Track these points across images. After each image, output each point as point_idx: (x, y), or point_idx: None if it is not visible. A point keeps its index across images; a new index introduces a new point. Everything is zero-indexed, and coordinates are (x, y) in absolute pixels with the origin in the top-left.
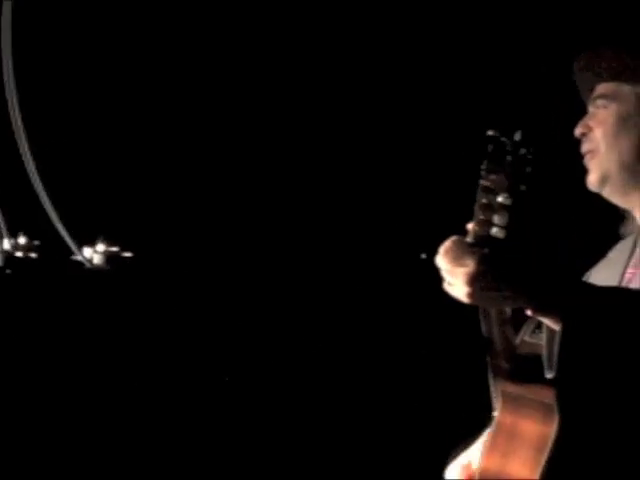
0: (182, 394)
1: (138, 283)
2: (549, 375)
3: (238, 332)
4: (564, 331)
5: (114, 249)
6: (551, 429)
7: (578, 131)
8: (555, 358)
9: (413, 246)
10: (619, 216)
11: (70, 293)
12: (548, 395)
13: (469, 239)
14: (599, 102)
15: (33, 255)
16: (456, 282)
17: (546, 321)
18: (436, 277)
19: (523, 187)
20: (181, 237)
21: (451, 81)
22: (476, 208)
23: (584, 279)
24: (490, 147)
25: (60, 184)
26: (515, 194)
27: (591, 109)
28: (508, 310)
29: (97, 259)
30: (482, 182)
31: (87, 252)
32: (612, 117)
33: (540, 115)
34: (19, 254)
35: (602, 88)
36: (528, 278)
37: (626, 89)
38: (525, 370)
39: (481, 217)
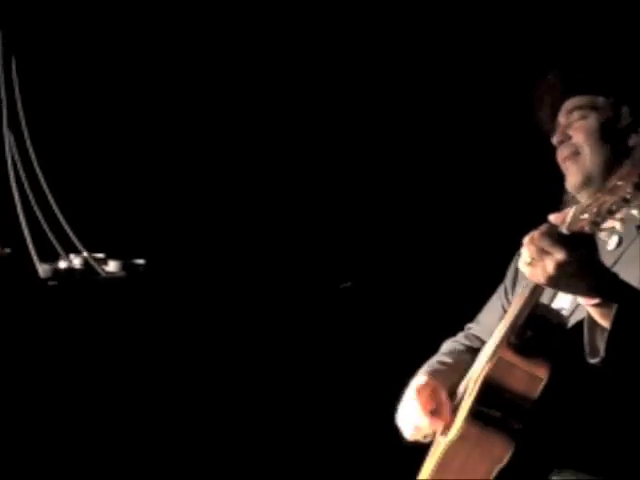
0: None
1: (160, 291)
2: (592, 361)
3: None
4: (616, 322)
5: (100, 255)
6: (535, 392)
7: (557, 139)
8: (602, 346)
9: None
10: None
11: (96, 303)
12: (542, 372)
13: (564, 230)
14: (576, 113)
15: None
16: (541, 264)
17: (593, 312)
18: None
19: None
20: (190, 242)
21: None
22: (595, 207)
23: None
24: None
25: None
26: None
27: (564, 120)
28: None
29: (112, 266)
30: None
31: (76, 259)
32: (594, 124)
33: None
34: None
35: (576, 101)
36: (602, 273)
37: (600, 100)
38: (532, 345)
39: (597, 219)
